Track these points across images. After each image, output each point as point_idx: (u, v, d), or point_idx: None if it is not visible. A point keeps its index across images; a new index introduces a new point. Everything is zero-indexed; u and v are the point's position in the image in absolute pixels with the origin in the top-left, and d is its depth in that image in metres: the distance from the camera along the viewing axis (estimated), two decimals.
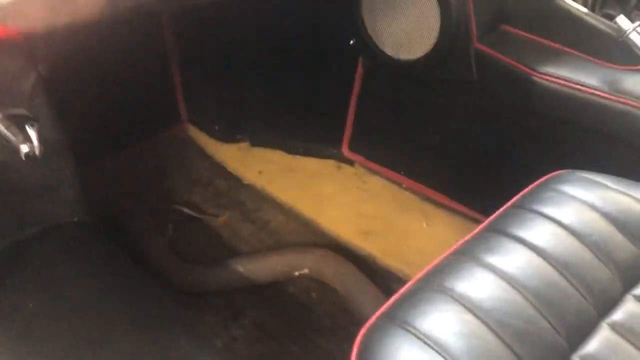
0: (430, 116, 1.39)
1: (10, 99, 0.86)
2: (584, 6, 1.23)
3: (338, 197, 1.52)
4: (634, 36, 1.12)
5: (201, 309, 1.24)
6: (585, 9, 1.19)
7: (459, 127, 1.35)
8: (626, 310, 0.78)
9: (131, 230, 1.37)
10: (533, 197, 0.92)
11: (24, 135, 0.81)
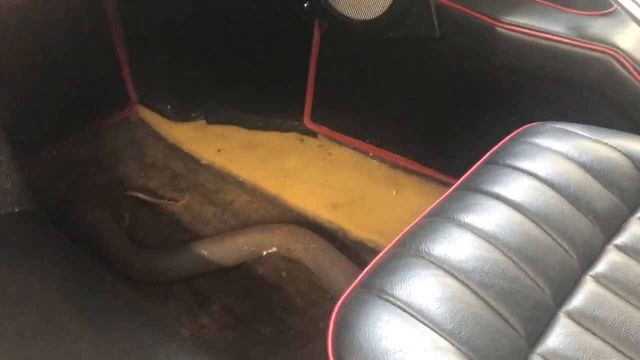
0: (394, 79, 1.36)
1: None
2: None
3: (303, 171, 1.48)
4: None
5: (165, 298, 1.19)
6: None
7: (423, 88, 1.32)
8: (609, 261, 0.77)
9: (83, 222, 1.30)
10: (506, 151, 0.90)
11: None
